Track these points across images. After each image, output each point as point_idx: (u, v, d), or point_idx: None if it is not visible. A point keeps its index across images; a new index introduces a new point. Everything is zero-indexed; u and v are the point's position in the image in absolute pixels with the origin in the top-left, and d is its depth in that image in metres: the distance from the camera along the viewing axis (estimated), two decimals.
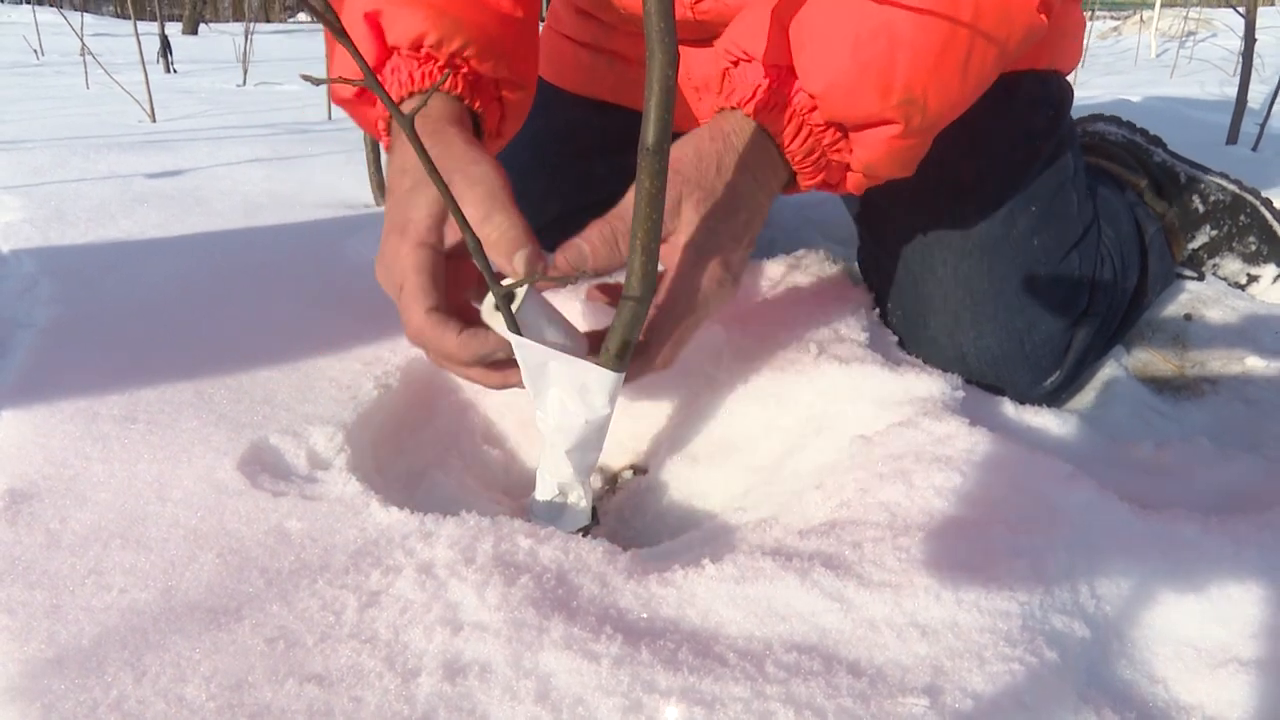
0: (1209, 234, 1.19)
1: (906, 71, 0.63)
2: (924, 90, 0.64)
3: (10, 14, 6.76)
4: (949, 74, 0.65)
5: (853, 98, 0.64)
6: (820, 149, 0.67)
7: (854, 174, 0.70)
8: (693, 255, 0.64)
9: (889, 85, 0.63)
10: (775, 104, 0.66)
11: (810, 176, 0.69)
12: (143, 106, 2.26)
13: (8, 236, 1.21)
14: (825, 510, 0.61)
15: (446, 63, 0.71)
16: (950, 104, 0.67)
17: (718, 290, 0.65)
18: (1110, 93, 2.98)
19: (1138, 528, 0.57)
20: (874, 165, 0.68)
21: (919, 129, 0.66)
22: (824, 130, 0.66)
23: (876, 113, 0.64)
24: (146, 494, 0.62)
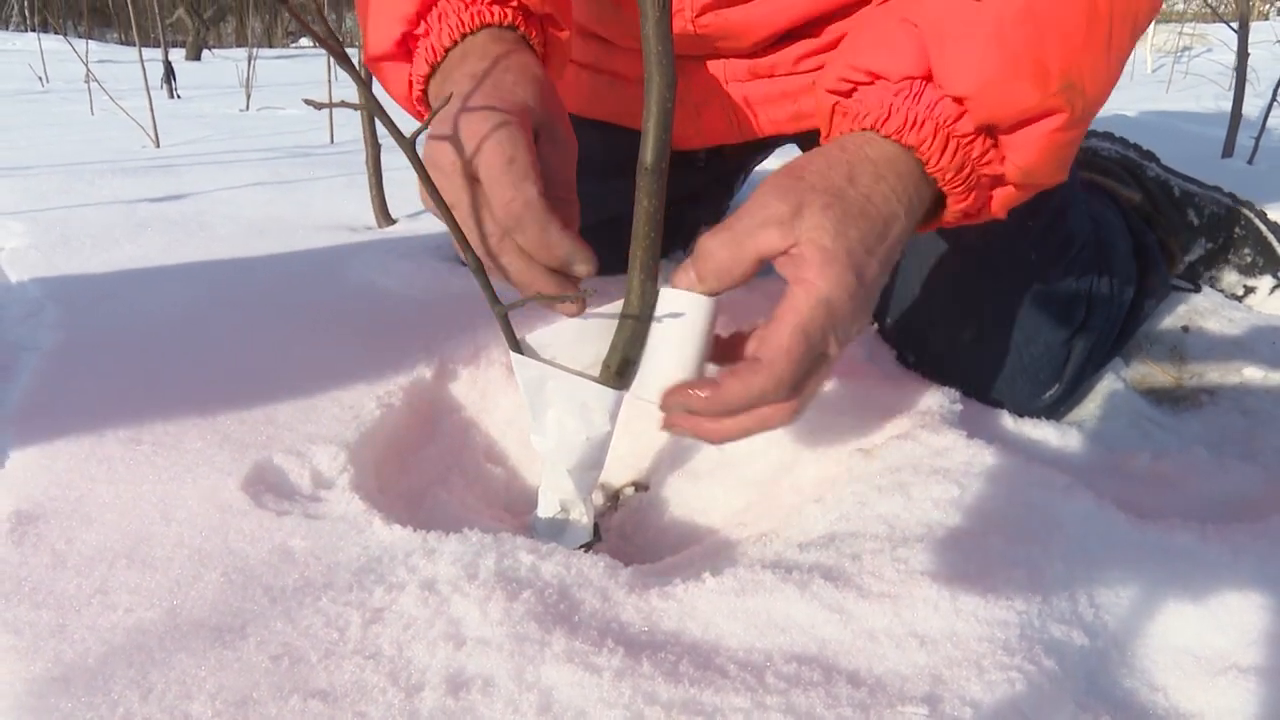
0: (1205, 247, 1.20)
1: (1060, 54, 0.57)
2: (1080, 72, 0.58)
3: (14, 41, 6.82)
4: (1098, 52, 0.59)
5: (1008, 92, 0.57)
6: (970, 163, 0.60)
7: (1004, 189, 0.63)
8: (819, 260, 0.54)
9: (1045, 72, 0.57)
10: (915, 120, 0.59)
11: (960, 198, 0.61)
12: (146, 132, 2.28)
13: (13, 262, 1.22)
14: (824, 523, 0.61)
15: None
16: (1103, 86, 0.61)
17: (849, 303, 0.55)
18: (1107, 108, 3.00)
19: (1135, 537, 0.57)
20: (1032, 169, 0.61)
21: (1081, 117, 0.60)
22: (972, 140, 0.59)
23: (1038, 103, 0.58)
24: (152, 514, 0.63)
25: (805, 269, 0.54)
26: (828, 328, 0.54)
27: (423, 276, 1.15)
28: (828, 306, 0.54)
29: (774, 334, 0.54)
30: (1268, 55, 3.75)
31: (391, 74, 0.70)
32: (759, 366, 0.54)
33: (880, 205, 0.57)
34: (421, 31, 0.66)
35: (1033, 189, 0.64)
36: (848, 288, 0.54)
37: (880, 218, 0.57)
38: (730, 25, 0.87)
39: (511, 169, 0.57)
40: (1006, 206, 0.64)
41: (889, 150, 0.59)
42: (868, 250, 0.56)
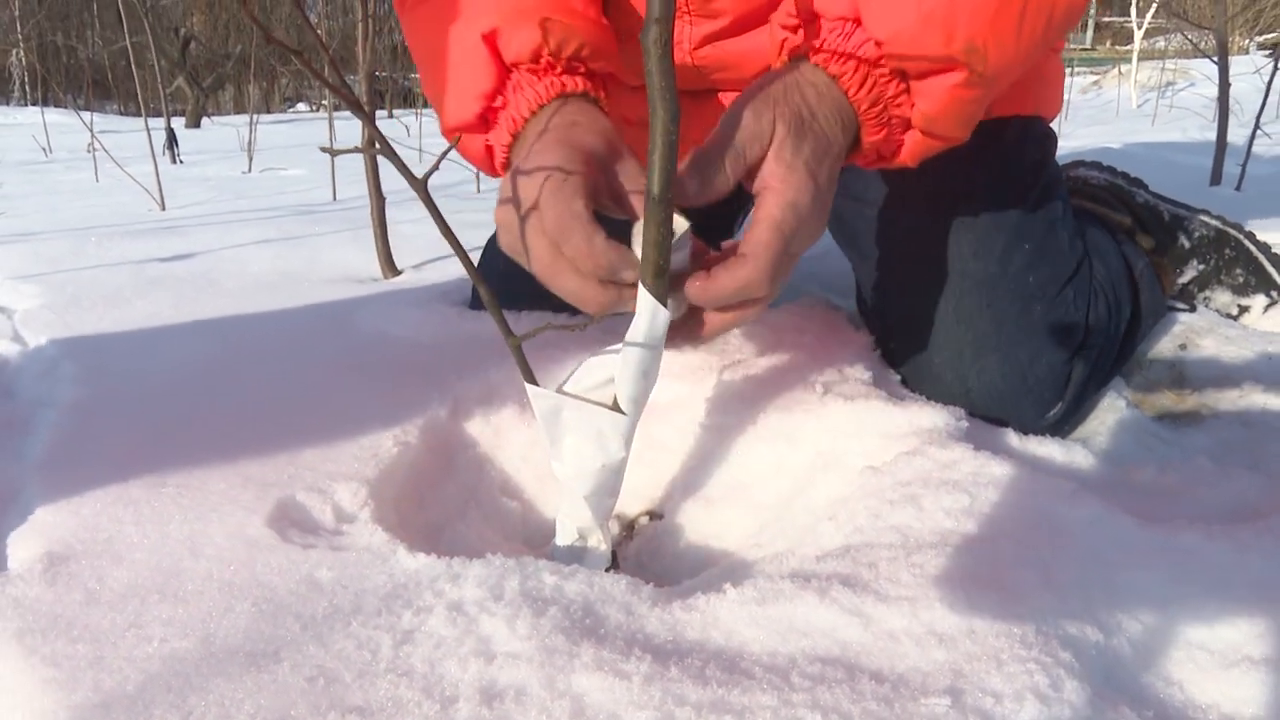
0: (1197, 268, 1.22)
1: (968, 21, 0.66)
2: (984, 41, 0.67)
3: (16, 115, 6.94)
4: (1006, 29, 0.68)
5: (918, 42, 0.66)
6: (884, 101, 0.68)
7: (913, 133, 0.71)
8: (782, 171, 0.64)
9: (951, 32, 0.66)
10: (841, 53, 0.67)
11: (873, 131, 0.69)
12: (152, 195, 2.32)
13: (27, 322, 1.24)
14: (839, 537, 0.62)
15: (565, 68, 0.74)
16: (1006, 60, 0.69)
17: (810, 206, 0.64)
18: (1094, 142, 3.06)
19: (1143, 538, 0.59)
20: (934, 119, 0.69)
21: (979, 79, 0.68)
22: (888, 81, 0.68)
23: (941, 55, 0.66)
24: (180, 551, 0.64)
25: (770, 178, 0.64)
26: (797, 227, 0.63)
27: (432, 322, 1.17)
28: (795, 209, 0.63)
29: (754, 234, 0.63)
30: (1248, 87, 3.83)
31: (469, 142, 0.77)
32: (745, 260, 0.62)
33: (824, 125, 0.67)
34: (499, 105, 0.74)
35: (939, 140, 0.71)
36: (809, 192, 0.64)
37: (824, 135, 0.66)
38: (728, 57, 0.90)
39: (563, 187, 0.64)
40: (916, 155, 0.72)
41: (823, 78, 0.68)
42: (818, 161, 0.66)
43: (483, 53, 0.73)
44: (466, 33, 0.74)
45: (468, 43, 0.74)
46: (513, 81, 0.73)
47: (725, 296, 0.63)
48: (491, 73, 0.73)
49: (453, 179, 2.59)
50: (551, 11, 0.74)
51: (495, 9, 0.73)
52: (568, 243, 0.63)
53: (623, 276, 0.63)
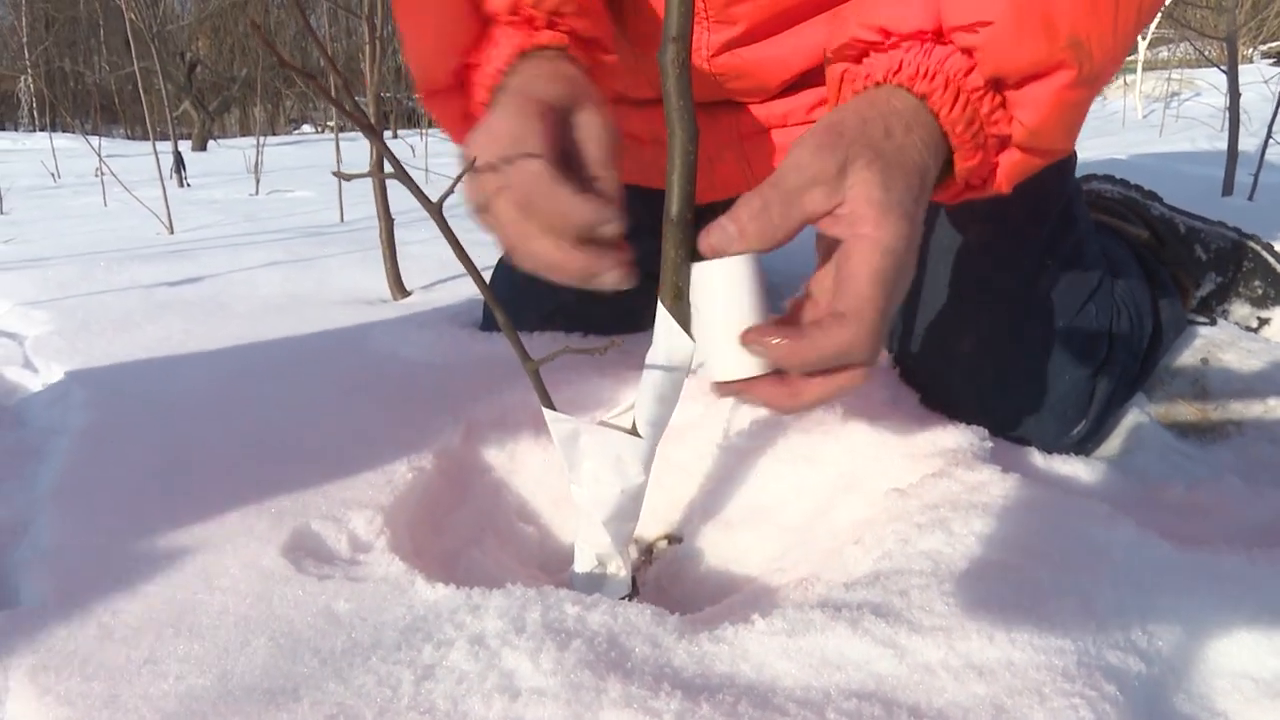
0: (1215, 281, 1.21)
1: (1067, 13, 0.59)
2: (1087, 33, 0.59)
3: (25, 141, 6.98)
4: (1104, 19, 0.60)
5: (1017, 43, 0.58)
6: (979, 119, 0.60)
7: (1010, 152, 0.63)
8: (874, 214, 0.55)
9: (1054, 26, 0.58)
10: (926, 71, 0.60)
11: (968, 156, 0.61)
12: (160, 219, 2.32)
13: (37, 349, 1.24)
14: (867, 563, 0.61)
15: (546, 22, 0.69)
16: (1108, 54, 0.62)
17: (908, 253, 0.56)
18: (1102, 154, 3.05)
19: (1182, 563, 0.57)
20: (1040, 129, 0.61)
21: (1088, 78, 0.61)
22: (981, 96, 0.60)
23: (1045, 57, 0.59)
24: (194, 584, 0.63)
25: (861, 224, 0.55)
26: (897, 276, 0.55)
27: (443, 344, 1.16)
28: (895, 256, 0.54)
29: (852, 288, 0.54)
30: (1256, 96, 3.82)
31: (445, 107, 0.73)
32: (846, 319, 0.54)
33: (914, 156, 0.58)
34: (475, 62, 0.69)
35: (1040, 155, 0.64)
36: (906, 237, 0.55)
37: (916, 168, 0.58)
38: (746, 65, 0.89)
39: (522, 146, 0.58)
40: (1013, 178, 0.64)
41: (910, 102, 0.60)
42: (914, 200, 0.57)
43: (460, 5, 0.68)
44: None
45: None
46: (490, 36, 0.69)
47: (819, 361, 0.55)
48: (470, 26, 0.69)
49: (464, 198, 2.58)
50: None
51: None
52: (534, 202, 0.58)
53: (603, 231, 0.58)
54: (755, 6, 0.85)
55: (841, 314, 0.54)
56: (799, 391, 0.57)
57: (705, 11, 0.86)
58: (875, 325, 0.54)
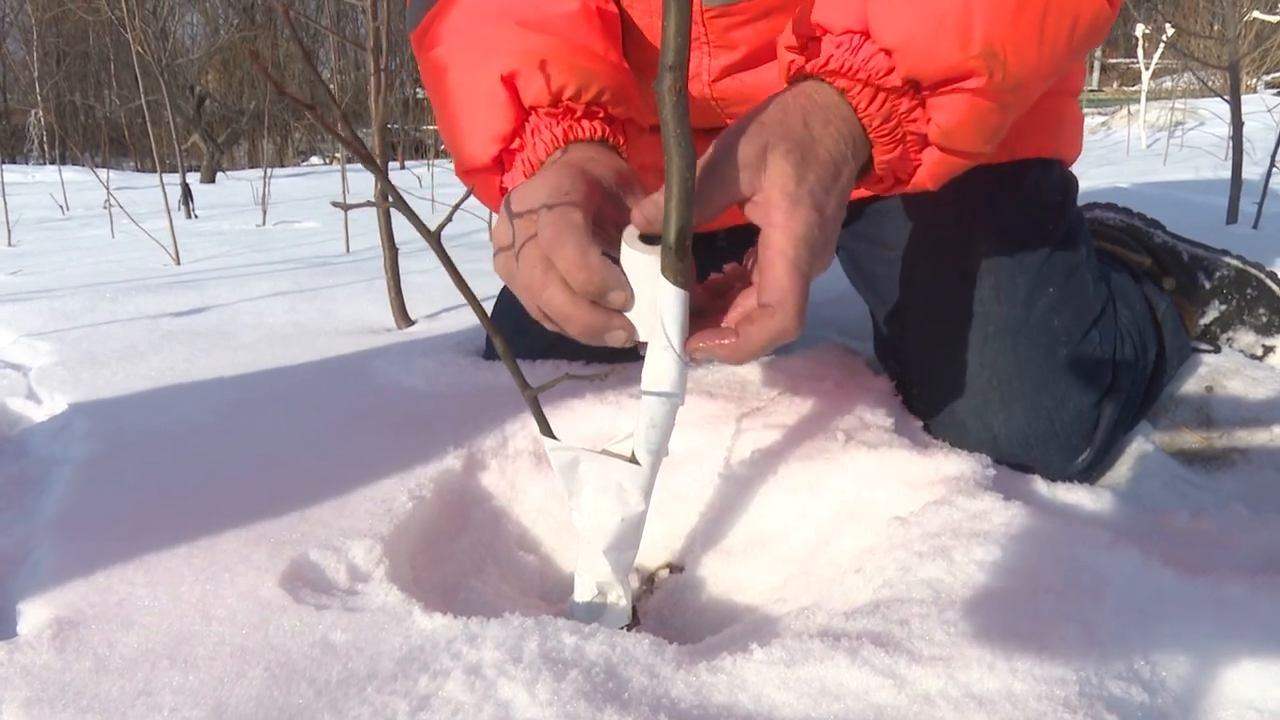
0: (1219, 309, 1.21)
1: (984, 23, 0.62)
2: (1003, 45, 0.63)
3: (35, 174, 7.05)
4: (1026, 33, 0.64)
5: (931, 48, 0.62)
6: (896, 116, 0.64)
7: (930, 150, 0.67)
8: (786, 205, 0.59)
9: (967, 35, 0.62)
10: (849, 68, 0.64)
11: (886, 148, 0.65)
12: (167, 250, 2.34)
13: (41, 380, 1.24)
14: (867, 592, 0.60)
15: (585, 112, 0.73)
16: (1028, 67, 0.65)
17: (819, 238, 0.60)
18: (1106, 182, 3.05)
19: (1185, 591, 0.57)
20: (952, 133, 0.65)
21: (1000, 87, 0.64)
22: (900, 95, 0.64)
23: (957, 63, 0.62)
24: (191, 614, 0.62)
25: (774, 213, 0.60)
26: (810, 260, 0.60)
27: (446, 372, 1.16)
28: (807, 243, 0.59)
29: (773, 279, 0.59)
30: (1259, 125, 3.84)
31: (487, 184, 0.76)
32: (773, 311, 0.59)
33: (831, 148, 0.62)
34: (516, 146, 0.73)
35: (960, 156, 0.67)
36: (816, 224, 0.60)
37: (831, 160, 0.62)
38: (747, 89, 0.90)
39: (562, 201, 0.61)
40: (938, 175, 0.68)
41: (831, 96, 0.64)
42: (825, 190, 0.61)
43: (501, 94, 0.72)
44: (485, 74, 0.73)
45: (486, 84, 0.73)
46: (530, 124, 0.72)
47: (759, 351, 0.60)
48: (510, 115, 0.72)
49: (465, 229, 2.60)
50: (573, 55, 0.73)
51: (515, 51, 0.73)
52: (560, 253, 0.60)
53: (611, 299, 0.61)
54: (755, 31, 0.86)
55: (767, 305, 0.59)
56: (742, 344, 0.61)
57: (706, 37, 0.87)
58: (798, 308, 0.59)
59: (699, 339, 0.60)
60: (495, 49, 0.73)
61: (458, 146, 0.76)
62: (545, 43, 0.73)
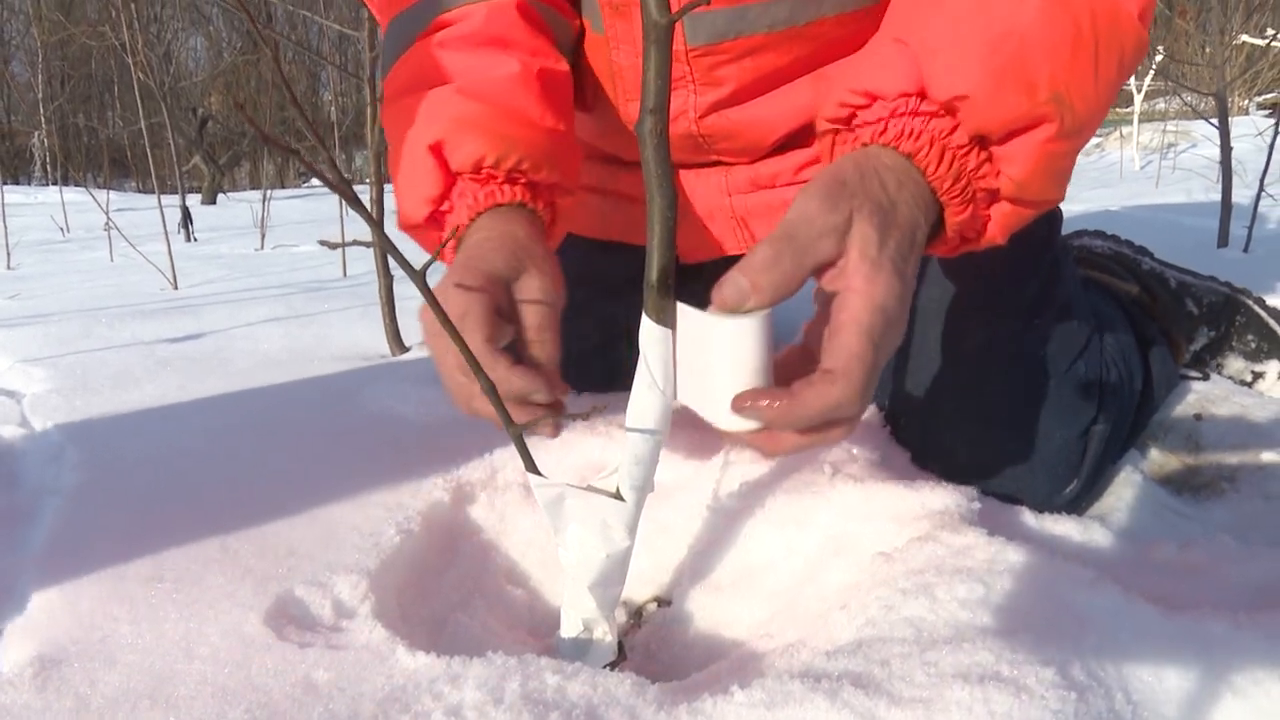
0: (1208, 335, 1.21)
1: (1046, 68, 0.61)
2: (1067, 87, 0.62)
3: (38, 195, 7.08)
4: (1084, 71, 0.63)
5: (997, 100, 0.61)
6: (965, 175, 0.63)
7: (1001, 205, 0.65)
8: (867, 269, 0.57)
9: (1033, 83, 0.61)
10: (911, 131, 0.62)
11: (958, 210, 0.64)
12: (165, 275, 2.35)
13: (34, 408, 1.24)
14: (851, 630, 0.60)
15: (506, 178, 0.77)
16: (1090, 106, 0.64)
17: (899, 308, 0.57)
18: (1099, 205, 3.07)
19: (1167, 629, 0.57)
20: (1027, 181, 0.63)
21: (1071, 130, 0.63)
22: (967, 153, 0.62)
23: (1026, 111, 0.61)
24: (174, 653, 0.62)
25: (854, 278, 0.56)
26: (886, 332, 0.56)
27: (437, 402, 1.16)
28: (885, 313, 0.56)
29: (842, 344, 0.55)
30: (1250, 147, 3.86)
31: (424, 238, 0.82)
32: (835, 376, 0.55)
33: (906, 212, 0.60)
34: (446, 209, 0.78)
35: (1030, 207, 0.66)
36: (897, 294, 0.57)
37: (909, 224, 0.60)
38: (733, 126, 0.91)
39: (465, 323, 0.66)
40: (1008, 228, 0.67)
41: (899, 160, 0.62)
42: (903, 257, 0.59)
43: (430, 161, 0.77)
44: (419, 140, 0.78)
45: (420, 149, 0.77)
46: (457, 189, 0.77)
47: (809, 420, 0.56)
48: (438, 179, 0.77)
49: None
50: (498, 123, 0.77)
51: (445, 119, 0.77)
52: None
53: (534, 399, 0.66)
54: (740, 69, 0.87)
55: (830, 371, 0.55)
56: (780, 440, 0.59)
57: (691, 75, 0.88)
58: (863, 382, 0.55)
59: (746, 397, 0.57)
60: (432, 116, 0.78)
61: (398, 202, 0.81)
62: (475, 110, 0.78)
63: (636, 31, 0.87)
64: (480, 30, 0.82)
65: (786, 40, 0.84)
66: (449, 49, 0.82)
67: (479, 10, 0.83)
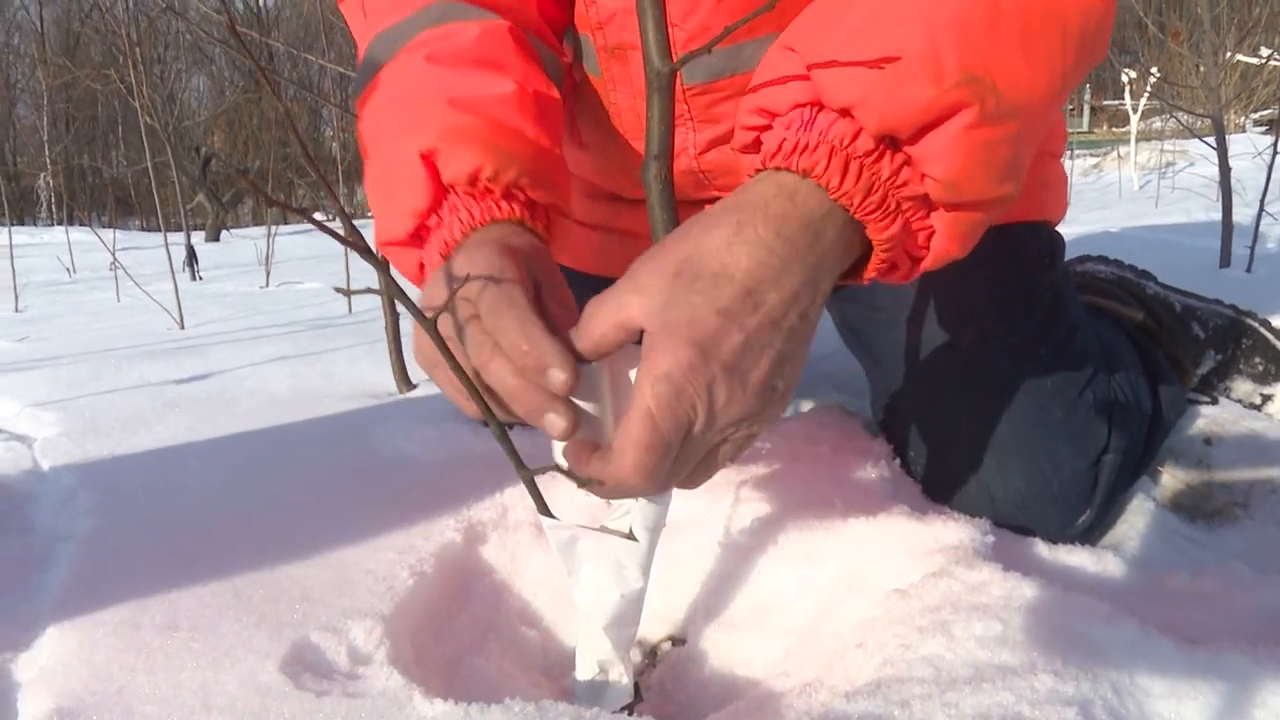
0: (1215, 359, 1.21)
1: (955, 49, 0.54)
2: (985, 67, 0.54)
3: (44, 235, 7.13)
4: (1009, 49, 0.55)
5: (898, 92, 0.53)
6: (880, 184, 0.55)
7: (939, 212, 0.57)
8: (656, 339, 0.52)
9: (938, 67, 0.53)
10: (805, 145, 0.55)
11: (881, 224, 0.56)
12: (171, 315, 2.36)
13: (45, 452, 1.25)
14: (869, 669, 0.60)
15: (503, 193, 0.70)
16: (1023, 85, 0.56)
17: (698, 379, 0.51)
18: (1098, 226, 3.08)
19: (1186, 664, 0.56)
20: (956, 180, 0.55)
21: (998, 114, 0.55)
22: (877, 158, 0.54)
23: (933, 98, 0.53)
24: (191, 703, 0.62)
25: (648, 345, 0.53)
26: (678, 409, 0.51)
27: (446, 441, 1.17)
28: (670, 385, 0.51)
29: (626, 421, 0.52)
30: (1250, 166, 3.87)
31: (401, 257, 0.73)
32: (612, 456, 0.52)
33: (743, 259, 0.53)
34: (434, 224, 0.70)
35: (977, 209, 0.57)
36: (687, 361, 0.51)
37: (741, 273, 0.53)
38: (733, 161, 0.91)
39: (501, 284, 0.58)
40: (960, 238, 0.58)
41: (789, 183, 0.55)
42: (722, 315, 0.52)
43: (420, 171, 0.69)
44: (406, 148, 0.70)
45: (406, 158, 0.70)
46: (449, 202, 0.69)
47: (614, 494, 0.55)
48: (428, 191, 0.69)
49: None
50: (495, 135, 0.70)
51: (437, 127, 0.70)
52: (503, 331, 0.56)
53: (550, 377, 0.54)
54: (737, 106, 0.88)
55: (610, 451, 0.53)
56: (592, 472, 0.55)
57: (690, 113, 0.89)
58: (642, 465, 0.51)
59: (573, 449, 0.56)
60: (421, 125, 0.71)
61: (377, 218, 0.74)
62: (469, 122, 0.70)
63: (633, 74, 0.88)
64: (471, 49, 0.76)
65: None
66: (438, 64, 0.75)
67: (470, 29, 0.77)
